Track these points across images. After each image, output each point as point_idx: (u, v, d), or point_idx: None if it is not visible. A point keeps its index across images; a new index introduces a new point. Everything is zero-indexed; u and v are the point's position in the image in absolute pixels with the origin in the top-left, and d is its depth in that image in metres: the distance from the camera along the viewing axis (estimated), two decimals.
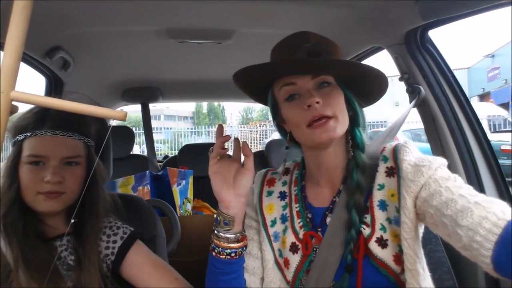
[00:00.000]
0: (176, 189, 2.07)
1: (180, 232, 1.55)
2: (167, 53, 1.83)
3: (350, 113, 0.82)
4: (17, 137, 0.87)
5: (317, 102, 0.74)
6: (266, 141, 10.40)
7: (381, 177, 0.78)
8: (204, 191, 2.44)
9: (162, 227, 1.21)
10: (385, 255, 0.74)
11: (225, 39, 1.57)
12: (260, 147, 16.34)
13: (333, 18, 1.39)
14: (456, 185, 0.68)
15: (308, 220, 0.84)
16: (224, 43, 1.62)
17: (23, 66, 1.53)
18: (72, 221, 0.76)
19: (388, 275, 0.74)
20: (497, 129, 10.71)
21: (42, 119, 0.87)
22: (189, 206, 2.11)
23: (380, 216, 0.76)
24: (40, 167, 0.85)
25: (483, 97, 18.22)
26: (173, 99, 3.02)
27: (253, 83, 0.89)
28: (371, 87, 0.84)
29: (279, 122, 0.89)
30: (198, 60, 1.98)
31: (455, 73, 1.32)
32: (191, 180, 2.15)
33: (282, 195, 0.90)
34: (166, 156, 3.32)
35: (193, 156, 2.48)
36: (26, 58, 1.49)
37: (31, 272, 0.79)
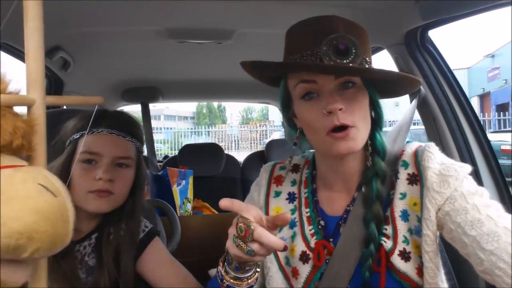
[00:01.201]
0: (176, 189, 2.07)
1: (180, 232, 1.55)
2: (167, 53, 1.83)
3: (373, 115, 0.75)
4: (73, 135, 0.89)
5: (340, 109, 0.66)
6: (266, 141, 10.40)
7: (402, 185, 0.73)
8: (204, 191, 2.44)
9: (162, 227, 1.21)
10: (408, 268, 0.69)
11: (225, 39, 1.57)
12: (260, 147, 16.34)
13: None
14: (483, 203, 0.64)
15: (320, 227, 0.77)
16: (224, 43, 1.62)
17: (23, 66, 1.53)
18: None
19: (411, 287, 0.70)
20: None
21: (99, 118, 0.90)
22: (189, 206, 2.11)
23: (402, 228, 0.71)
24: (93, 166, 0.87)
25: (483, 97, 18.22)
26: (173, 99, 3.03)
27: (264, 74, 0.81)
28: (401, 89, 0.78)
29: (290, 116, 0.79)
30: (198, 60, 1.98)
31: (455, 73, 1.32)
32: (191, 180, 2.15)
33: (291, 197, 0.83)
34: (166, 156, 3.32)
35: (193, 156, 2.48)
36: None
37: (55, 274, 0.80)
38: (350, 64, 0.68)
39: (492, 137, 8.66)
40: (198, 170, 2.32)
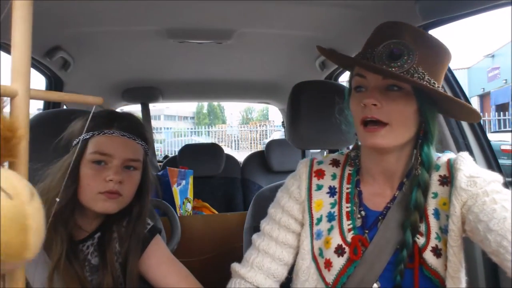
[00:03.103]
0: (176, 189, 2.07)
1: (180, 232, 1.55)
2: (167, 53, 1.83)
3: (422, 126, 0.76)
4: (84, 135, 0.89)
5: (374, 104, 0.71)
6: (266, 141, 10.39)
7: (434, 186, 0.77)
8: (204, 191, 2.44)
9: (162, 227, 1.21)
10: (439, 264, 0.73)
11: (225, 39, 1.57)
12: (260, 147, 16.34)
13: (333, 18, 1.39)
14: (504, 198, 0.67)
15: (359, 217, 0.80)
16: (224, 43, 1.62)
17: None
18: (57, 199, 0.75)
19: (440, 285, 0.73)
20: None
21: (111, 120, 0.90)
22: (189, 206, 2.11)
23: (434, 225, 0.75)
24: (102, 167, 0.87)
25: (483, 97, 18.22)
26: (173, 99, 3.03)
27: (336, 60, 0.92)
28: (453, 111, 0.79)
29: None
30: (198, 60, 1.98)
31: (455, 73, 1.32)
32: (191, 180, 2.15)
33: (332, 191, 0.85)
34: (166, 156, 3.32)
35: (193, 156, 2.48)
36: None
37: (69, 275, 0.80)
38: (393, 69, 0.71)
39: (492, 137, 8.66)
40: (198, 170, 2.31)
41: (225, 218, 1.90)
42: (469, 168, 0.73)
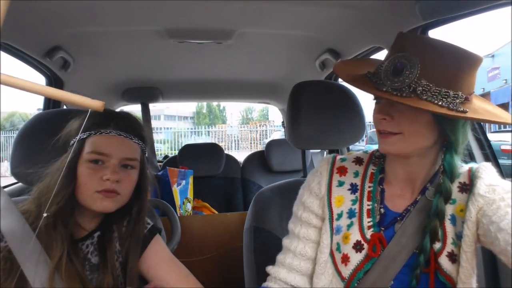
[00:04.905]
0: (176, 189, 2.07)
1: (180, 232, 1.55)
2: (167, 53, 1.83)
3: (441, 136, 0.76)
4: (80, 135, 0.89)
5: (384, 119, 0.75)
6: (266, 141, 10.39)
7: (453, 192, 0.77)
8: (204, 191, 2.44)
9: (162, 227, 1.21)
10: (454, 270, 0.73)
11: (225, 39, 1.57)
12: (260, 147, 16.33)
13: (333, 18, 1.39)
14: None
15: (378, 215, 0.82)
16: (224, 43, 1.62)
17: (23, 66, 1.53)
18: (45, 214, 0.75)
19: None
20: None
21: (108, 119, 0.91)
22: (189, 206, 2.11)
23: (450, 231, 0.75)
24: (100, 166, 0.87)
25: (483, 97, 18.22)
26: (173, 99, 3.03)
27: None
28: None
29: None
30: (198, 60, 1.98)
31: None
32: (191, 180, 2.15)
33: (353, 188, 0.86)
34: (166, 156, 3.32)
35: (193, 156, 2.48)
36: (26, 58, 1.49)
37: (70, 274, 0.80)
38: (396, 84, 0.71)
39: (492, 137, 8.65)
40: (198, 170, 2.31)
41: (225, 218, 1.90)
42: (490, 177, 0.74)
